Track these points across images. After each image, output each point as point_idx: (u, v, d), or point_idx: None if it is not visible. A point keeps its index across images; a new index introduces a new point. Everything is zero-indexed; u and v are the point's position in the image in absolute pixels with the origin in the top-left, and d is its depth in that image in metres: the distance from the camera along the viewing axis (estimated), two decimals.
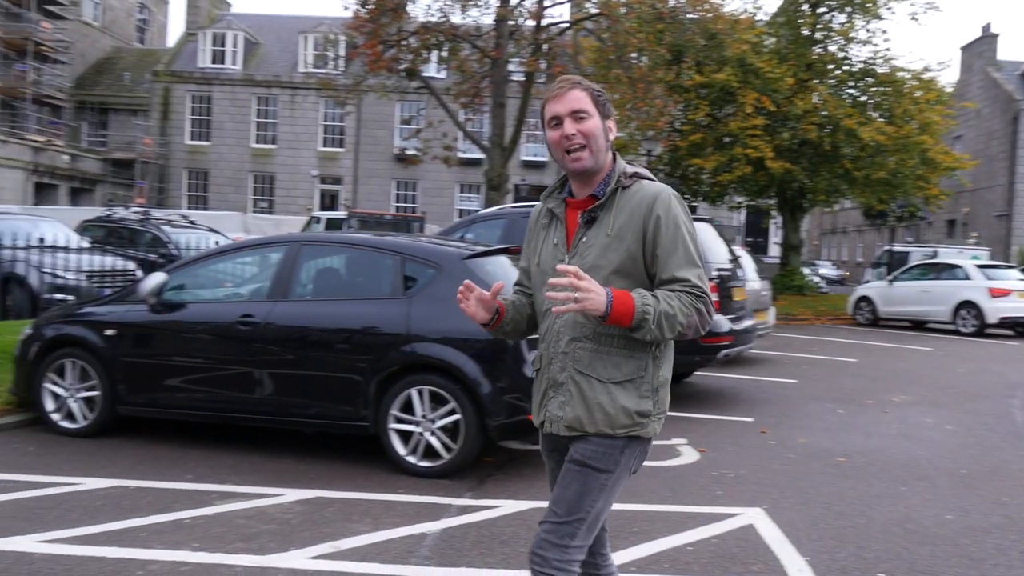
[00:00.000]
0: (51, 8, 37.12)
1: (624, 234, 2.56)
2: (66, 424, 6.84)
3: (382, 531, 4.82)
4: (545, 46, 20.14)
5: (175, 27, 53.63)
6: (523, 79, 20.62)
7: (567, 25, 20.66)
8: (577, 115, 2.59)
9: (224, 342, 6.45)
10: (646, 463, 6.17)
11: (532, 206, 10.16)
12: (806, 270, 30.03)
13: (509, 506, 5.34)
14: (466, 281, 2.72)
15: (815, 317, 21.31)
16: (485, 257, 6.48)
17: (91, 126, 41.16)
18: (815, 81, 25.21)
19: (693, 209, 28.39)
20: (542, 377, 2.72)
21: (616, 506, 5.28)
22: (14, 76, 34.86)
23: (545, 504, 5.38)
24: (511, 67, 20.39)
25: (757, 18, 25.63)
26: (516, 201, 27.09)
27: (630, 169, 2.67)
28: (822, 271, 41.60)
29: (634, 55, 19.81)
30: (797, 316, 20.89)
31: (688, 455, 6.83)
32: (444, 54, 21.15)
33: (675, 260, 2.52)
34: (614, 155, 2.70)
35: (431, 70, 25.78)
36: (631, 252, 2.55)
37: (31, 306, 11.63)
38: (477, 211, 23.39)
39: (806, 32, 25.86)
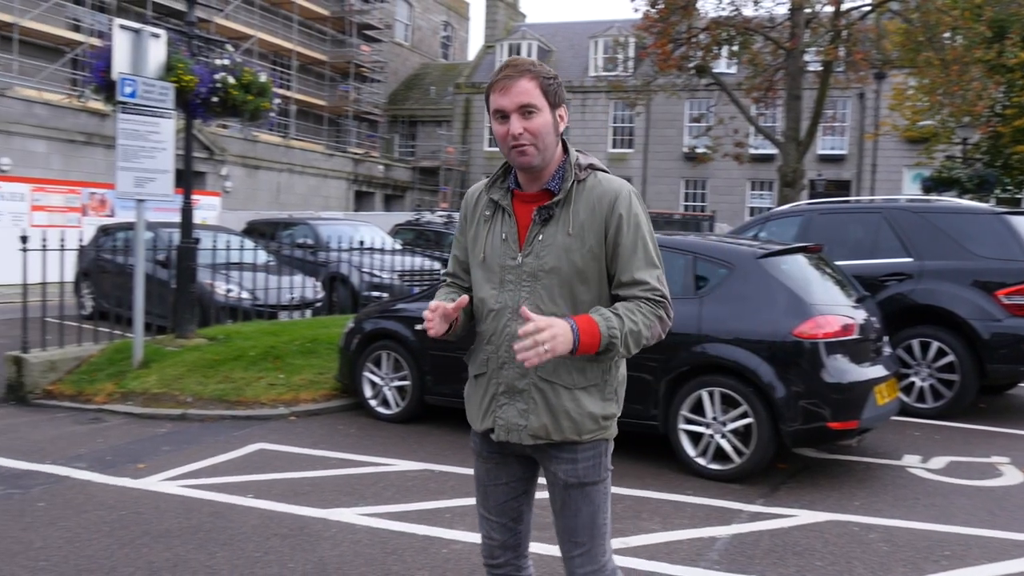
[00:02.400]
0: (369, 33, 40.92)
1: (585, 233, 2.41)
2: (381, 410, 7.51)
3: (671, 531, 4.81)
4: (845, 32, 19.02)
5: (475, 41, 57.26)
6: (820, 69, 19.62)
7: (869, 8, 19.37)
8: (525, 110, 2.38)
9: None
10: (960, 480, 5.63)
11: (829, 202, 9.65)
12: None
13: (804, 516, 5.12)
14: (433, 304, 2.45)
15: None
16: (781, 256, 6.26)
17: (402, 137, 44.84)
18: None
19: (1016, 202, 25.54)
20: (489, 381, 2.54)
21: (924, 526, 4.94)
22: (338, 96, 38.89)
23: (844, 517, 5.12)
24: (807, 57, 19.44)
25: None
26: (812, 197, 25.82)
27: (584, 160, 2.50)
28: None
29: (947, 35, 18.13)
30: None
31: (1011, 476, 6.14)
32: (735, 48, 20.60)
33: (636, 262, 2.42)
34: (564, 145, 2.52)
35: (721, 66, 25.22)
36: (593, 252, 2.42)
37: (352, 302, 12.90)
38: (770, 208, 22.60)
39: None
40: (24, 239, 7.95)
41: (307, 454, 6.37)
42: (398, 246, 14.91)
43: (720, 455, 5.88)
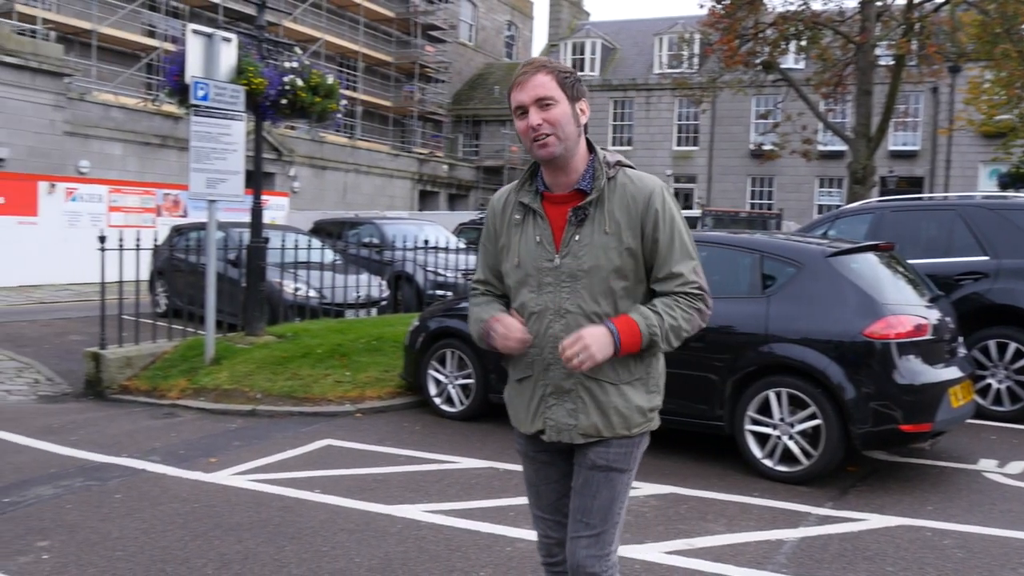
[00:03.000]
0: (433, 34, 41.23)
1: (622, 231, 2.46)
2: (445, 407, 7.57)
3: (737, 533, 4.75)
4: (917, 25, 18.53)
5: (539, 40, 57.06)
6: (892, 63, 19.13)
7: (943, 0, 18.82)
8: (542, 103, 2.44)
9: None
10: None
11: (901, 199, 9.41)
12: None
13: (874, 520, 5.01)
14: (504, 321, 2.50)
15: None
16: (851, 255, 6.14)
17: (466, 137, 45.04)
18: None
19: None
20: (536, 384, 2.57)
21: (1001, 533, 4.81)
22: (404, 97, 39.27)
23: (917, 522, 5.00)
24: (878, 51, 18.98)
25: None
26: (883, 194, 25.19)
27: (611, 158, 2.54)
28: None
29: None
30: None
31: None
32: (803, 43, 20.21)
33: (673, 256, 2.48)
34: (590, 143, 2.55)
35: (789, 61, 24.76)
36: (631, 250, 2.46)
37: (417, 301, 13.01)
38: (839, 206, 22.13)
39: None
40: (102, 239, 8.21)
41: (373, 451, 6.45)
42: (462, 245, 14.97)
43: (788, 457, 5.78)
